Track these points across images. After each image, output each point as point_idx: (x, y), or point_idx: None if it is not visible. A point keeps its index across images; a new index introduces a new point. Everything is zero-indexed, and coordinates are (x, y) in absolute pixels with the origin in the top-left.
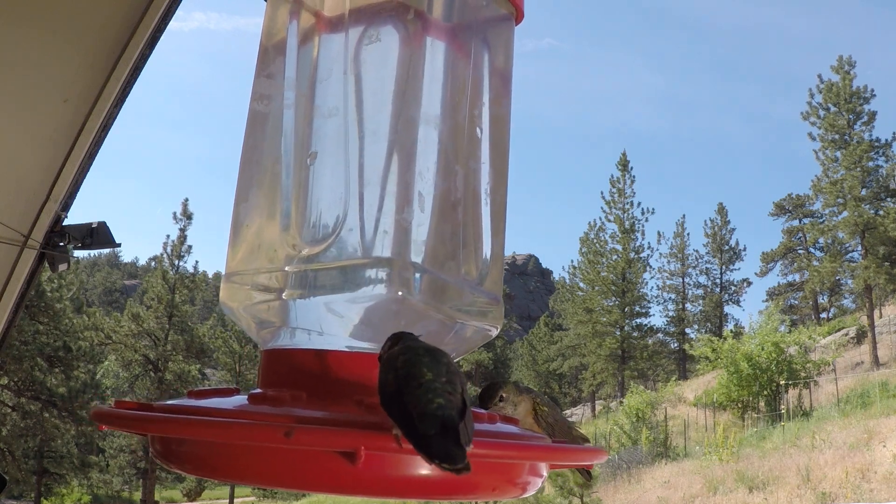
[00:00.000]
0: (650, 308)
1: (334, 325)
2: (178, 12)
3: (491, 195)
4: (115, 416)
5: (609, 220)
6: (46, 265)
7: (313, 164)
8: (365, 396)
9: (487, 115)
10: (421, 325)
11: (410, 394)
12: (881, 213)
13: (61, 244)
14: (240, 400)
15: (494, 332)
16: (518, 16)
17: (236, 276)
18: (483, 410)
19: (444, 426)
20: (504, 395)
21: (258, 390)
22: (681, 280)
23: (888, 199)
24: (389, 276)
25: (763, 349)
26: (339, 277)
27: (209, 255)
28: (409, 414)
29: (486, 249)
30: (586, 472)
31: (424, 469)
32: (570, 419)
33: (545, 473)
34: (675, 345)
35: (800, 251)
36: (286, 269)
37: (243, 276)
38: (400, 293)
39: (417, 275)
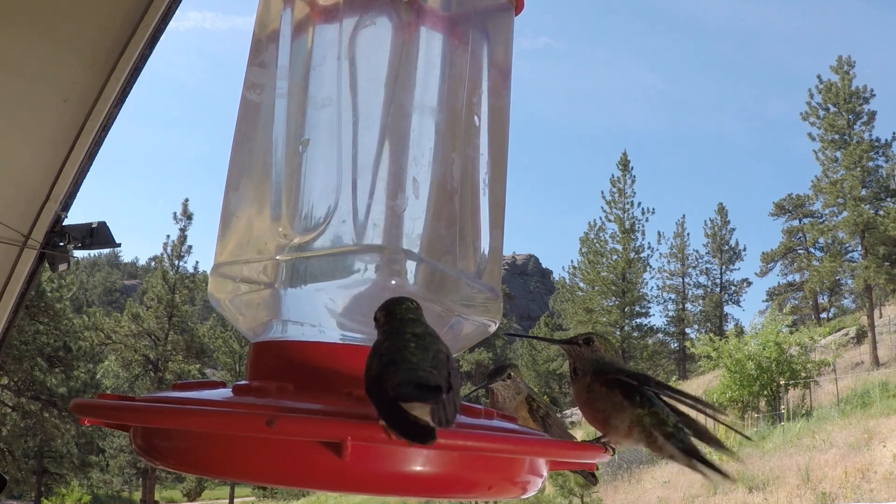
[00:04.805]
0: (650, 308)
1: (326, 315)
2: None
3: (490, 186)
4: (95, 406)
5: (609, 220)
6: (46, 265)
7: (306, 151)
8: (355, 389)
9: (486, 105)
10: None
11: (389, 376)
12: (881, 213)
13: (61, 244)
14: (224, 392)
15: (493, 328)
16: (518, 6)
17: (224, 268)
18: (479, 406)
19: (419, 385)
20: (512, 374)
21: (244, 382)
22: (681, 280)
23: (888, 199)
24: (379, 263)
25: (765, 349)
26: (330, 265)
27: (209, 255)
28: (385, 391)
29: (485, 241)
30: (591, 475)
31: (416, 465)
32: (568, 419)
33: (545, 473)
34: (675, 345)
35: (800, 251)
36: (277, 258)
37: (232, 268)
38: (393, 281)
39: (413, 263)
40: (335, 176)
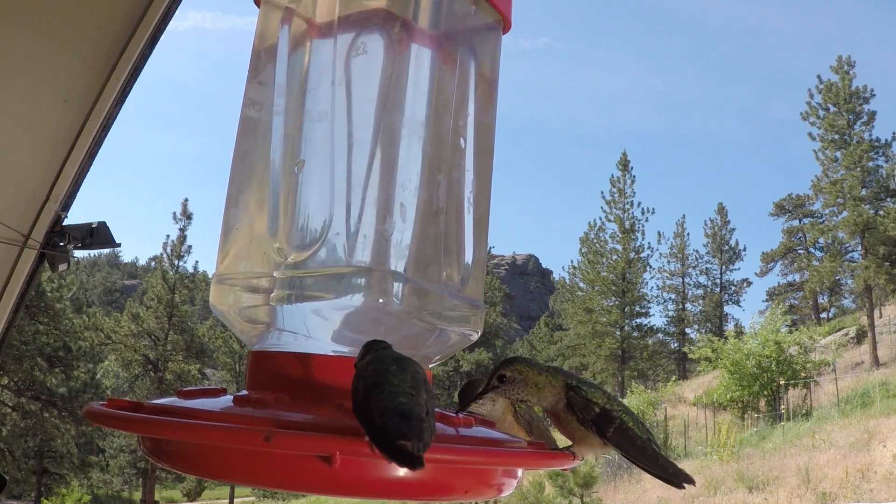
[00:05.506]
0: (650, 308)
1: (320, 329)
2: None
3: (474, 203)
4: (107, 415)
5: (609, 220)
6: (46, 265)
7: (301, 171)
8: (345, 400)
9: (472, 123)
10: (403, 331)
11: (375, 399)
12: (881, 213)
13: (61, 244)
14: (226, 401)
15: (475, 337)
16: (505, 25)
17: (224, 279)
18: (459, 415)
19: (402, 415)
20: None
21: (244, 392)
22: (681, 280)
23: (888, 199)
24: (368, 284)
25: (765, 348)
26: (323, 284)
27: (209, 255)
28: (372, 416)
29: (469, 256)
30: None
31: (400, 471)
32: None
33: (520, 475)
34: (675, 345)
35: (800, 251)
36: (274, 274)
37: (233, 279)
38: (380, 301)
39: (398, 283)
40: (328, 197)
